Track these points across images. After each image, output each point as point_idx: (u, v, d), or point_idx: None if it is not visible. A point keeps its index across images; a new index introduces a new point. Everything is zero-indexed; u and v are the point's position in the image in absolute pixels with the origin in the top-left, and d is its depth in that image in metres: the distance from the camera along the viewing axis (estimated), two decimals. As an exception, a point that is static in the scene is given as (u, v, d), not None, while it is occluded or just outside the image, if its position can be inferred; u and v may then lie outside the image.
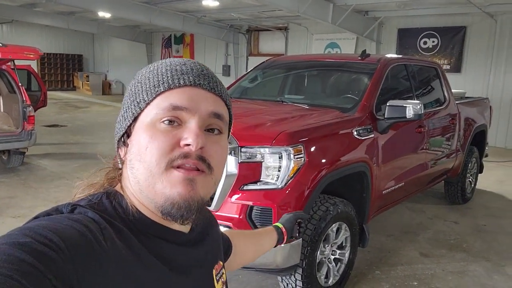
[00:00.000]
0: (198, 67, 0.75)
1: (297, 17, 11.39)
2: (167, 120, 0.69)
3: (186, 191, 0.68)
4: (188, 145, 0.68)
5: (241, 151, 2.67)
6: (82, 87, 20.70)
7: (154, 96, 0.71)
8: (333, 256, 3.02)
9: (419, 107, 3.30)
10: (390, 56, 4.23)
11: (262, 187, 2.67)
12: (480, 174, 5.77)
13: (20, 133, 6.03)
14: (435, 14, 10.30)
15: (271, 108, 3.67)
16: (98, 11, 12.77)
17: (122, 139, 0.75)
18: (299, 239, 2.64)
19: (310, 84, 4.47)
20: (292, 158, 2.65)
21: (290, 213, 1.37)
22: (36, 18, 15.22)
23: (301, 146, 2.71)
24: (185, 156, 0.68)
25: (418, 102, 3.42)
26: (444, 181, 5.09)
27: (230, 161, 2.65)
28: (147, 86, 0.72)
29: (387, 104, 3.37)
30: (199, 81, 0.73)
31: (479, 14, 9.64)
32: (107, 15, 13.43)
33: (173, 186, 0.68)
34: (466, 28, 10.21)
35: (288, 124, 3.00)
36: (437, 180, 4.67)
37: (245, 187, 2.67)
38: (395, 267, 3.65)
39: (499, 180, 6.75)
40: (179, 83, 0.71)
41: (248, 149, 2.68)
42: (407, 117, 3.29)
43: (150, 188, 0.69)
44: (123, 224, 0.69)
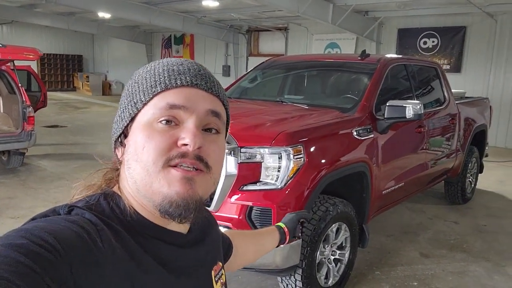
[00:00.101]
0: (195, 67, 0.75)
1: (297, 17, 11.40)
2: (164, 120, 0.69)
3: (184, 189, 0.68)
4: (186, 144, 0.68)
5: (240, 152, 2.66)
6: (82, 88, 20.71)
7: (151, 96, 0.70)
8: (333, 257, 3.02)
9: (418, 107, 3.30)
10: (389, 56, 4.23)
11: (262, 188, 2.67)
12: (480, 174, 5.76)
13: (20, 133, 6.02)
14: (435, 14, 10.30)
15: (271, 108, 3.67)
16: (98, 12, 12.77)
17: (119, 139, 0.74)
18: (299, 239, 2.64)
19: (309, 84, 4.46)
20: (291, 158, 2.64)
21: (292, 212, 1.36)
22: (36, 19, 15.22)
23: (300, 146, 2.70)
24: (182, 156, 0.68)
25: (418, 102, 3.41)
26: (444, 181, 5.08)
27: (230, 161, 2.64)
28: (144, 86, 0.72)
29: (387, 104, 3.36)
30: (196, 81, 0.72)
31: (479, 14, 9.63)
32: (107, 15, 13.44)
33: (170, 184, 0.67)
34: (466, 28, 10.20)
35: (287, 124, 3.00)
36: (437, 180, 4.66)
37: (244, 188, 2.67)
38: (395, 267, 3.64)
39: (499, 180, 6.75)
40: (176, 83, 0.71)
41: (248, 149, 2.67)
42: (407, 117, 3.28)
43: (148, 187, 0.68)
44: (121, 225, 0.68)
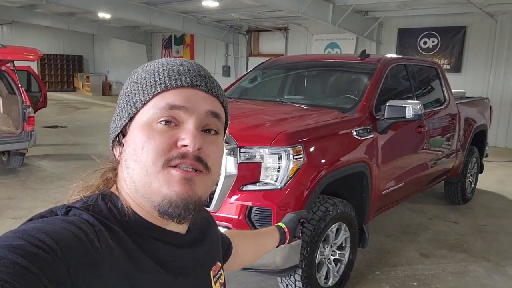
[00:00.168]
0: (195, 67, 0.75)
1: (297, 17, 11.40)
2: (163, 121, 0.69)
3: (184, 190, 0.67)
4: (185, 145, 0.68)
5: (240, 152, 2.66)
6: (82, 88, 20.72)
7: (151, 96, 0.70)
8: (332, 257, 3.01)
9: (418, 107, 3.30)
10: (389, 56, 4.22)
11: (261, 188, 2.66)
12: (480, 174, 5.76)
13: (20, 134, 6.03)
14: (435, 14, 10.30)
15: (271, 108, 3.66)
16: (98, 12, 12.78)
17: (117, 138, 0.74)
18: (299, 239, 2.64)
19: (309, 85, 4.46)
20: (291, 158, 2.64)
21: (293, 212, 1.35)
22: (36, 19, 15.24)
23: (300, 147, 2.70)
24: (182, 157, 0.68)
25: (418, 102, 3.41)
26: (444, 181, 5.08)
27: (229, 161, 2.64)
28: (144, 86, 0.71)
29: (387, 104, 3.36)
30: (196, 82, 0.72)
31: (479, 14, 9.63)
32: (107, 16, 13.44)
33: (170, 185, 0.67)
34: (466, 28, 10.20)
35: (287, 124, 2.99)
36: (437, 180, 4.66)
37: (244, 188, 2.66)
38: (395, 267, 3.64)
39: (499, 180, 6.74)
40: (177, 83, 0.71)
41: (247, 149, 2.67)
42: (407, 117, 3.28)
43: (146, 187, 0.68)
44: (119, 225, 0.68)
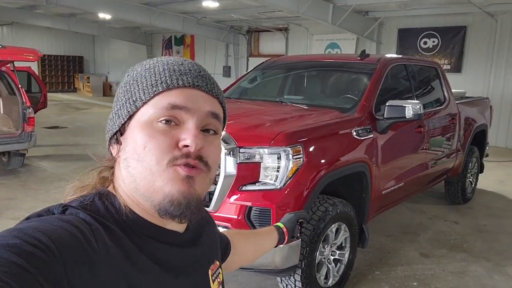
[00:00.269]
0: (196, 67, 0.75)
1: (297, 17, 11.40)
2: (164, 120, 0.69)
3: (185, 188, 0.68)
4: (186, 146, 0.68)
5: (239, 152, 2.66)
6: (83, 89, 20.74)
7: (151, 95, 0.70)
8: (332, 257, 3.01)
9: (418, 107, 3.29)
10: (389, 56, 4.22)
11: (261, 188, 2.66)
12: (480, 174, 5.75)
13: (20, 134, 6.03)
14: (435, 14, 10.29)
15: (270, 108, 3.66)
16: (98, 13, 12.79)
17: (115, 136, 0.74)
18: (298, 239, 2.64)
19: (309, 85, 4.46)
20: (290, 158, 2.64)
21: (291, 212, 1.36)
22: (37, 20, 15.26)
23: (299, 147, 2.70)
24: (187, 156, 0.68)
25: (418, 102, 3.41)
26: (444, 181, 5.08)
27: (229, 161, 2.64)
28: (144, 85, 0.71)
29: (386, 104, 3.36)
30: (197, 82, 0.72)
31: (479, 14, 9.62)
32: (107, 16, 13.45)
33: (173, 183, 0.68)
34: (466, 28, 10.19)
35: (287, 124, 2.99)
36: (437, 180, 4.66)
37: (243, 188, 2.66)
38: (395, 267, 3.64)
39: (499, 180, 6.74)
40: (178, 83, 0.71)
41: (247, 149, 2.67)
42: (407, 117, 3.28)
43: (149, 185, 0.68)
44: (116, 224, 0.68)
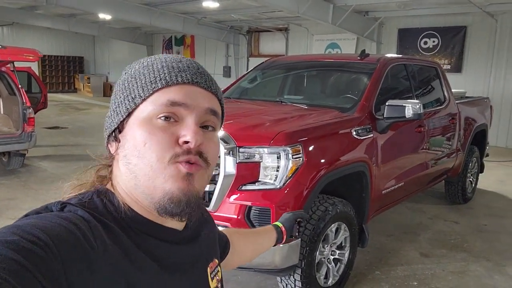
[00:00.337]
0: (194, 65, 0.75)
1: (297, 17, 11.40)
2: (163, 116, 0.69)
3: (185, 185, 0.68)
4: (186, 142, 0.68)
5: (239, 151, 2.66)
6: (83, 89, 20.75)
7: (151, 92, 0.70)
8: (332, 256, 3.01)
9: (418, 106, 3.29)
10: (389, 56, 4.22)
11: (261, 187, 2.66)
12: (481, 174, 5.75)
13: (20, 135, 6.03)
14: (435, 14, 10.30)
15: (270, 108, 3.67)
16: (98, 13, 12.80)
17: (114, 134, 0.74)
18: (298, 239, 2.64)
19: (309, 84, 4.46)
20: (290, 158, 2.64)
21: (289, 212, 1.37)
22: (37, 21, 15.27)
23: (299, 146, 2.70)
24: (188, 153, 0.69)
25: (418, 101, 3.40)
26: (444, 180, 5.07)
27: (228, 161, 2.64)
28: (143, 82, 0.71)
29: (386, 103, 3.36)
30: (196, 79, 0.73)
31: (479, 14, 9.62)
32: (107, 17, 13.46)
33: (174, 181, 0.68)
34: (466, 28, 10.19)
35: (286, 124, 2.99)
36: (437, 179, 4.65)
37: (243, 187, 2.66)
38: (395, 267, 3.64)
39: (500, 179, 6.73)
40: (177, 80, 0.71)
41: (246, 149, 2.67)
42: (406, 116, 3.28)
43: (150, 182, 0.68)
44: (114, 222, 0.68)
